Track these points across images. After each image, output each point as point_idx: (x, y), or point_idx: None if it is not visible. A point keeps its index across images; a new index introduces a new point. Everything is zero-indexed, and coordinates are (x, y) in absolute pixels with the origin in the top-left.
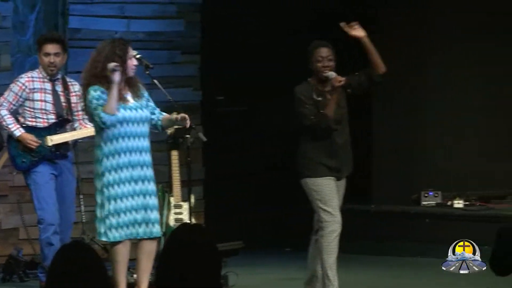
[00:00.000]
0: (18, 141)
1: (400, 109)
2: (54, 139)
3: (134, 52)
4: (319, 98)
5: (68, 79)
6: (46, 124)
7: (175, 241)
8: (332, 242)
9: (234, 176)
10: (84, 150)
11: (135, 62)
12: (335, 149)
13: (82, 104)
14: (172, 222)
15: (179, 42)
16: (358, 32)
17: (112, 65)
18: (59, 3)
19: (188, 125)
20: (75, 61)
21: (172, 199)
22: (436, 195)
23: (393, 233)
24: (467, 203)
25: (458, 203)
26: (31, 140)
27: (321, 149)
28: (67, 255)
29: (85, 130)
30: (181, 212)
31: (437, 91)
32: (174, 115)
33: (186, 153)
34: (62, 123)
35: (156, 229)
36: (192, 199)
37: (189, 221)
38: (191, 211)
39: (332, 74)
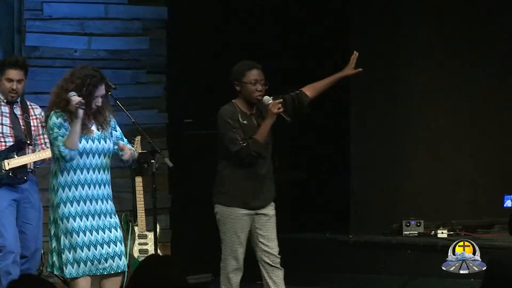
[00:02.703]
0: None
1: (379, 135)
2: (11, 163)
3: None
4: (245, 122)
5: (28, 103)
6: (3, 148)
7: (143, 273)
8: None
9: (202, 203)
10: (43, 177)
11: (99, 102)
12: (257, 180)
13: (44, 128)
14: (136, 253)
15: (143, 61)
16: (351, 71)
17: (75, 100)
18: (15, 19)
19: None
20: (33, 80)
21: (136, 229)
22: (419, 224)
23: (373, 264)
24: (451, 232)
25: (442, 233)
26: None
27: (241, 178)
28: None
29: (43, 152)
30: (146, 243)
31: (418, 117)
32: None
33: (151, 180)
34: (20, 145)
35: (121, 263)
36: (158, 229)
37: (155, 252)
38: (157, 242)
39: (267, 99)
